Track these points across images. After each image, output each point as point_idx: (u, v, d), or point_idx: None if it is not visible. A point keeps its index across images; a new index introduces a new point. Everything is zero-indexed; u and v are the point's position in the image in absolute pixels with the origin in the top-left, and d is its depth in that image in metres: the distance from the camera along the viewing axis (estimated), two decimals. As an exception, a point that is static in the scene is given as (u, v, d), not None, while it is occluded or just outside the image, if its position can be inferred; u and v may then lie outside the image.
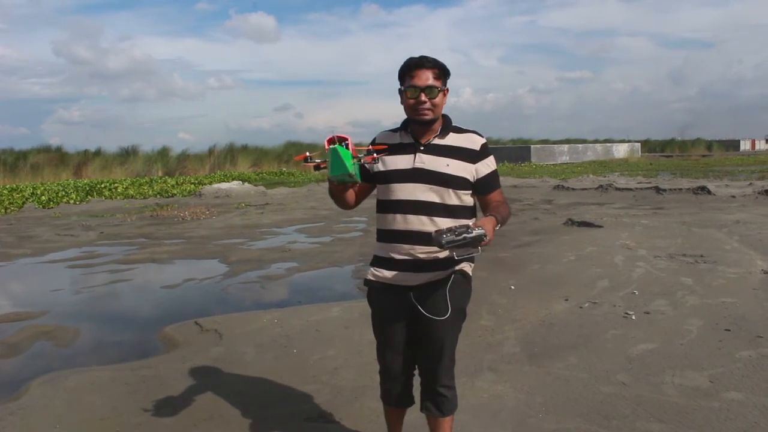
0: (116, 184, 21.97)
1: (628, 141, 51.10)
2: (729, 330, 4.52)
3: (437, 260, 2.40)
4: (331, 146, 2.17)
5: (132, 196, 18.94)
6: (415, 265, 2.41)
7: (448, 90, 2.44)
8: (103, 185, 21.63)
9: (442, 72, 2.40)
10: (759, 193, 13.68)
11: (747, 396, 3.41)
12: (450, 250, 2.13)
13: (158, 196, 19.13)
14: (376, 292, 2.55)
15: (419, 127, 2.44)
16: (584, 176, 22.41)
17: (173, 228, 11.69)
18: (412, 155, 2.41)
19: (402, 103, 2.44)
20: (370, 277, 2.55)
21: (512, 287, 6.02)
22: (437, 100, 2.38)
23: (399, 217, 2.41)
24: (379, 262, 2.52)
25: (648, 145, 57.15)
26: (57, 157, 31.00)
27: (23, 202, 16.74)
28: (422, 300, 2.44)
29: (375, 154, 2.28)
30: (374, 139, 2.54)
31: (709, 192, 14.37)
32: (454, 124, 2.50)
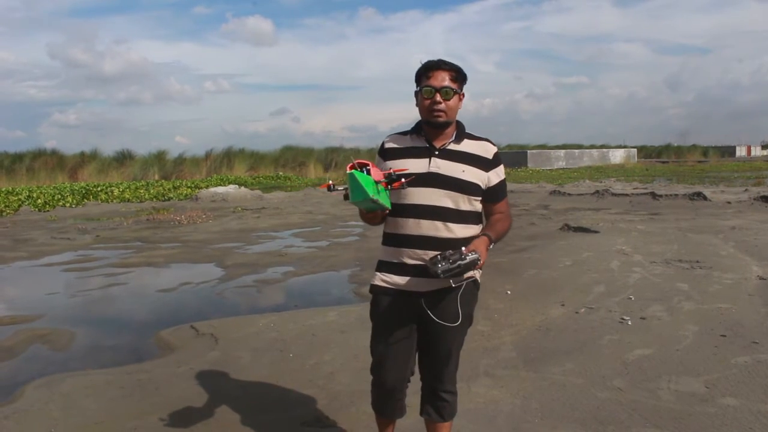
0: (112, 188, 21.95)
1: (625, 146, 51.33)
2: (725, 336, 4.53)
3: None
4: (349, 172, 2.11)
5: (128, 200, 18.92)
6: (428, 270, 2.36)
7: (464, 95, 2.42)
8: (99, 188, 21.59)
9: (459, 75, 2.38)
10: (755, 199, 13.72)
11: (742, 402, 3.42)
12: (446, 279, 2.16)
13: (155, 199, 19.12)
14: (384, 298, 2.46)
15: (433, 130, 2.40)
16: (580, 181, 22.45)
17: (169, 232, 11.67)
18: (427, 159, 2.37)
19: (417, 104, 2.42)
20: (379, 283, 2.47)
21: (508, 292, 6.03)
22: (452, 102, 2.35)
23: (412, 221, 2.36)
24: (388, 267, 2.45)
25: (644, 151, 57.35)
26: (53, 160, 30.95)
27: (19, 205, 16.71)
28: (433, 306, 2.39)
29: (403, 180, 2.22)
30: (383, 143, 2.51)
31: (705, 198, 14.40)
32: (467, 131, 2.48)
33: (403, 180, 2.22)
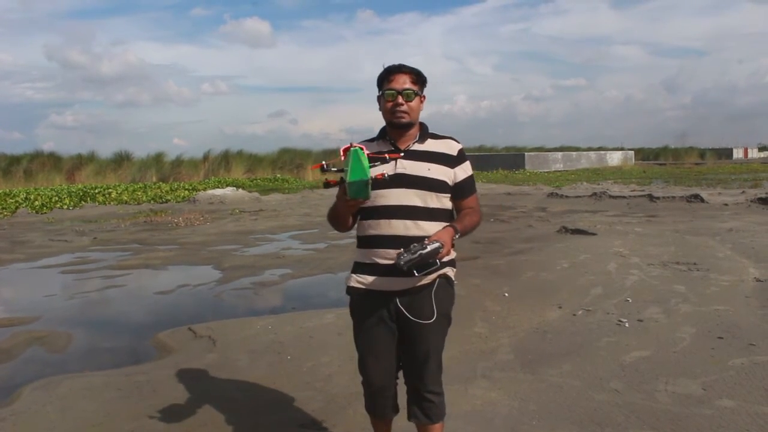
0: (110, 190, 21.90)
1: (622, 149, 51.40)
2: (722, 338, 4.54)
3: None
4: (352, 149, 2.16)
5: (126, 202, 18.90)
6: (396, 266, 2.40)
7: (425, 97, 2.51)
8: (96, 191, 21.54)
9: (419, 78, 2.47)
10: (752, 201, 13.75)
11: (739, 403, 3.43)
12: (410, 270, 2.20)
13: (152, 201, 19.10)
14: (360, 299, 2.54)
15: (397, 132, 2.48)
16: (578, 184, 22.49)
17: (167, 234, 11.66)
18: (393, 161, 2.42)
19: (380, 109, 2.50)
20: (354, 284, 2.54)
21: (506, 294, 6.03)
22: (414, 103, 2.44)
23: (383, 222, 2.42)
24: (362, 268, 2.52)
25: (641, 153, 57.46)
26: (50, 162, 30.88)
27: (16, 207, 16.68)
28: (408, 305, 2.44)
29: (385, 173, 2.27)
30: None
31: (702, 200, 14.43)
32: (430, 131, 2.56)
33: (385, 173, 2.29)
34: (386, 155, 2.32)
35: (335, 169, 2.28)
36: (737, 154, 61.97)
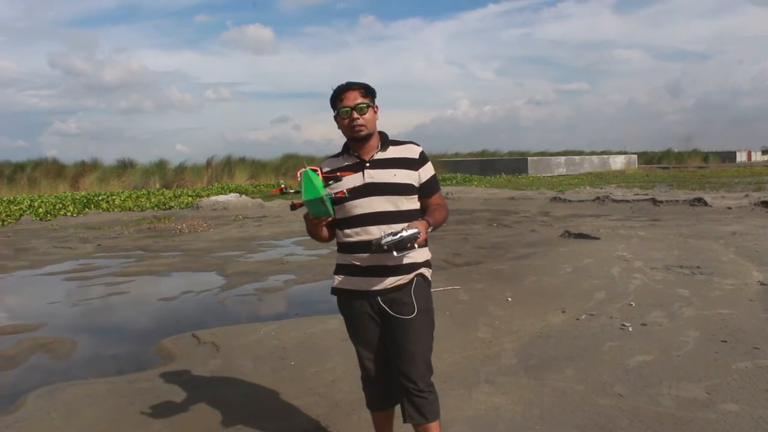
0: (114, 197, 21.97)
1: (625, 153, 51.27)
2: (725, 341, 4.53)
3: (400, 265, 2.53)
4: (303, 170, 2.32)
5: (129, 209, 18.94)
6: (379, 269, 2.53)
7: (377, 107, 2.63)
8: (100, 197, 21.62)
9: (368, 91, 2.59)
10: (755, 204, 13.72)
11: (743, 407, 3.42)
12: (390, 250, 2.33)
13: (156, 208, 19.14)
14: (344, 298, 2.68)
15: (359, 144, 2.60)
16: (581, 188, 22.44)
17: (170, 240, 11.69)
18: (361, 172, 2.57)
19: (339, 127, 2.62)
20: (337, 285, 2.68)
21: (509, 299, 6.03)
22: (368, 115, 2.56)
23: (359, 229, 2.55)
24: (343, 269, 2.65)
25: (645, 157, 57.29)
26: (54, 169, 30.96)
27: (20, 215, 16.74)
28: (389, 302, 2.56)
29: (344, 190, 2.42)
30: (320, 168, 2.63)
31: (705, 203, 14.41)
32: (391, 138, 2.68)
33: (344, 191, 2.43)
34: (338, 173, 2.46)
35: (293, 190, 2.45)
36: (740, 157, 61.74)
